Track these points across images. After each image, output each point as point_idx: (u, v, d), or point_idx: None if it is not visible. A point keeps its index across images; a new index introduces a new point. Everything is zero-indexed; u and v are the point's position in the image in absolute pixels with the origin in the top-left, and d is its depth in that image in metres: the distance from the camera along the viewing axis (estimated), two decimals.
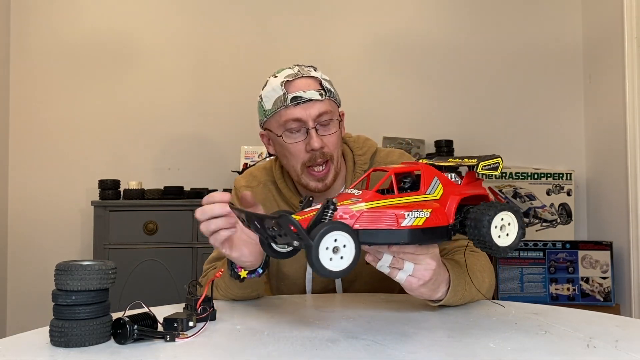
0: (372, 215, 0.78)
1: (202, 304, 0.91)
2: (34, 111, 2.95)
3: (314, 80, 1.17)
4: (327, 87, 1.18)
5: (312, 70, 1.20)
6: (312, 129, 1.15)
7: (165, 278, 2.48)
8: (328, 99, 1.17)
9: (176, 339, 0.81)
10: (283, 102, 1.15)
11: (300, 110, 1.14)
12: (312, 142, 1.14)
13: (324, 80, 1.19)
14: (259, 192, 1.31)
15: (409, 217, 0.79)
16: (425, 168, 0.84)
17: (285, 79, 1.17)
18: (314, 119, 1.15)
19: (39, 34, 2.97)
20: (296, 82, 1.16)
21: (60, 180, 2.93)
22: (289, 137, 1.17)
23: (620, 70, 2.67)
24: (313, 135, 1.14)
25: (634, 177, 2.59)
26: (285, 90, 1.15)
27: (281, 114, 1.16)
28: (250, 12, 3.03)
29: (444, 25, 3.08)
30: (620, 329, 0.89)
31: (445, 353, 0.76)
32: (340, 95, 1.27)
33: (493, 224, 0.80)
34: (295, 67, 1.20)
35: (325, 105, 1.16)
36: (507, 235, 0.82)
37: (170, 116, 2.98)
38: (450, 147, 2.83)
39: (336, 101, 1.22)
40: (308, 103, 1.14)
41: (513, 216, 0.82)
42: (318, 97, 1.15)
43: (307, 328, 0.89)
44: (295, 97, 1.14)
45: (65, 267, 0.78)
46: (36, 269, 2.87)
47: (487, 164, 0.85)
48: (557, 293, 2.66)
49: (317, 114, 1.15)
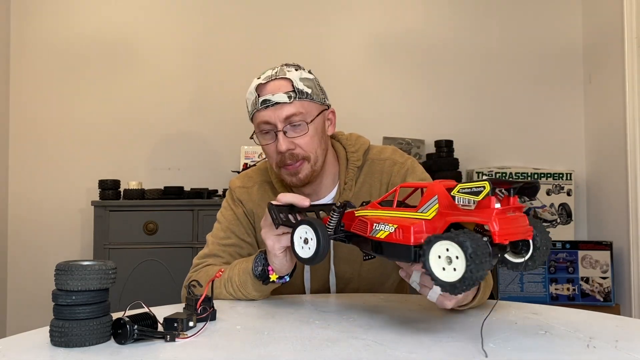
0: (360, 222, 0.88)
1: (202, 304, 0.91)
2: (34, 111, 2.95)
3: (287, 82, 1.18)
4: (300, 89, 1.17)
5: (293, 70, 1.20)
6: (280, 131, 1.17)
7: (165, 278, 2.48)
8: (299, 101, 1.17)
9: (176, 339, 0.81)
10: (255, 105, 1.19)
11: (269, 113, 1.17)
12: (279, 144, 1.17)
13: (301, 81, 1.19)
14: (254, 192, 1.32)
15: (375, 228, 0.82)
16: (433, 187, 0.78)
17: (260, 82, 1.19)
18: (282, 121, 1.16)
19: (38, 35, 2.97)
20: (267, 85, 1.18)
21: (60, 180, 2.93)
22: (263, 138, 1.21)
23: (620, 70, 2.67)
24: (280, 138, 1.17)
25: (634, 177, 2.60)
26: (257, 94, 1.18)
27: (255, 116, 1.20)
28: (250, 12, 3.03)
29: (444, 25, 3.08)
30: (620, 329, 0.89)
31: (445, 353, 0.76)
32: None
33: (433, 252, 0.70)
34: (277, 68, 1.21)
35: (294, 107, 1.16)
36: (454, 270, 0.68)
37: (170, 116, 2.98)
38: (450, 147, 2.82)
39: (314, 101, 1.20)
40: (276, 106, 1.16)
41: (458, 248, 0.67)
42: (286, 99, 1.16)
43: (307, 328, 0.89)
44: (265, 101, 1.17)
45: (66, 267, 0.78)
46: (36, 269, 2.88)
47: (466, 187, 0.74)
48: (557, 293, 2.66)
49: (285, 116, 1.16)
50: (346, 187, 1.26)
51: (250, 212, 1.31)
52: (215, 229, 1.32)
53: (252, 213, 1.31)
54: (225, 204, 1.35)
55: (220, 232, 1.30)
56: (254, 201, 1.31)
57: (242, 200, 1.32)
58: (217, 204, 2.55)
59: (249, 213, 1.31)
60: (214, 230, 1.32)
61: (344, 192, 1.26)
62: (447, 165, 2.72)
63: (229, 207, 1.33)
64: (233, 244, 1.27)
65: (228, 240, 1.28)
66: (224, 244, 1.28)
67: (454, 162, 2.76)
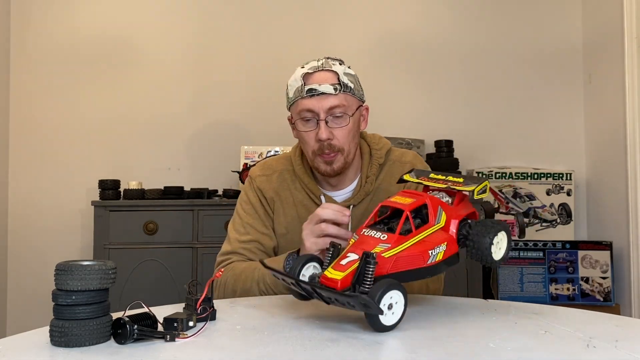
0: (404, 258, 0.86)
1: (202, 303, 0.91)
2: (34, 111, 2.95)
3: (333, 74, 1.25)
4: (345, 82, 1.25)
5: (337, 64, 1.28)
6: (322, 120, 1.23)
7: (165, 278, 2.48)
8: (343, 94, 1.25)
9: (176, 339, 0.81)
10: (300, 93, 1.25)
11: (313, 102, 1.23)
12: (320, 132, 1.24)
13: (345, 75, 1.26)
14: (273, 180, 1.38)
15: (432, 255, 0.88)
16: (431, 200, 0.91)
17: (306, 71, 1.25)
18: (325, 111, 1.23)
19: (39, 35, 2.96)
20: (314, 75, 1.25)
21: (60, 180, 2.93)
22: (303, 125, 1.27)
23: (620, 70, 2.67)
24: (322, 126, 1.24)
25: (634, 177, 2.60)
26: (303, 82, 1.25)
27: (298, 104, 1.26)
28: (250, 12, 3.03)
29: (444, 25, 3.08)
30: (620, 329, 0.89)
31: (445, 353, 0.76)
32: None
33: (492, 243, 0.89)
34: (322, 60, 1.28)
35: (338, 99, 1.23)
36: (499, 249, 0.91)
37: (171, 116, 2.98)
38: (450, 147, 2.82)
39: (355, 96, 1.28)
40: (322, 96, 1.23)
41: (505, 234, 0.92)
42: (332, 90, 1.23)
43: (307, 328, 0.89)
44: (311, 89, 1.23)
45: (66, 267, 0.78)
46: (36, 269, 2.87)
47: (480, 188, 0.93)
48: (557, 293, 2.66)
49: (329, 106, 1.23)
50: (368, 181, 1.33)
51: (270, 199, 1.38)
52: (235, 222, 1.39)
53: (272, 200, 1.38)
54: (243, 196, 1.41)
55: (240, 227, 1.37)
56: (274, 189, 1.38)
57: (261, 188, 1.38)
58: (217, 204, 2.55)
59: (269, 201, 1.38)
60: (234, 222, 1.39)
61: (365, 185, 1.33)
62: (447, 165, 2.72)
63: (247, 200, 1.40)
64: (253, 239, 1.35)
65: (247, 237, 1.35)
66: (244, 240, 1.34)
67: (454, 162, 2.76)
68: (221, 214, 2.49)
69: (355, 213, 1.32)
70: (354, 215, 1.32)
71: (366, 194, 1.34)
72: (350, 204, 1.33)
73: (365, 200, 1.34)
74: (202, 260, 2.49)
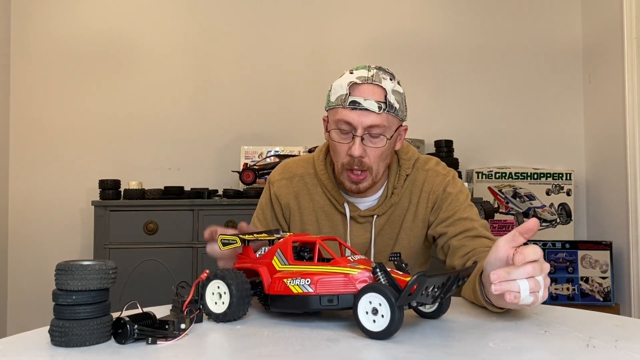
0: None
1: (188, 305, 0.91)
2: (34, 111, 2.95)
3: (381, 90, 1.18)
4: (391, 102, 1.18)
5: (388, 79, 1.20)
6: (358, 137, 1.18)
7: (166, 278, 2.48)
8: (386, 113, 1.18)
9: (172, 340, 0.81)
10: (343, 102, 1.19)
11: (354, 115, 1.17)
12: (353, 148, 1.18)
13: (393, 93, 1.19)
14: (294, 184, 1.37)
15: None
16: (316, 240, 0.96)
17: (354, 81, 1.19)
18: (364, 128, 1.18)
19: (39, 35, 2.97)
20: (361, 87, 1.18)
21: (60, 180, 2.93)
22: (338, 135, 1.22)
23: (620, 70, 2.67)
24: (356, 143, 1.18)
25: (633, 177, 2.60)
26: (349, 92, 1.18)
27: (338, 111, 1.20)
28: (250, 12, 3.03)
29: (444, 25, 3.08)
30: (620, 329, 0.89)
31: (445, 353, 0.76)
32: None
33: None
34: (373, 70, 1.20)
35: (380, 118, 1.17)
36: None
37: (171, 116, 2.98)
38: (450, 147, 2.82)
39: (397, 117, 1.22)
40: (364, 111, 1.17)
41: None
42: (376, 109, 1.17)
43: (307, 328, 0.89)
44: (354, 102, 1.17)
45: (66, 267, 0.78)
46: (36, 269, 2.87)
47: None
48: (557, 293, 2.66)
49: (369, 124, 1.17)
50: (395, 192, 1.31)
51: (285, 205, 1.37)
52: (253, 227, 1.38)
53: (288, 207, 1.37)
54: (261, 197, 1.42)
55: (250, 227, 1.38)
56: (293, 193, 1.36)
57: (278, 195, 1.37)
58: (218, 204, 2.55)
59: (284, 207, 1.37)
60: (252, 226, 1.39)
61: (392, 197, 1.31)
62: (447, 165, 2.72)
63: (261, 203, 1.41)
64: None
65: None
66: None
67: (454, 162, 2.76)
68: (221, 214, 2.49)
69: (379, 222, 1.31)
70: (377, 224, 1.31)
71: (392, 205, 1.31)
72: (374, 214, 1.31)
73: (389, 212, 1.32)
74: (203, 260, 2.49)
